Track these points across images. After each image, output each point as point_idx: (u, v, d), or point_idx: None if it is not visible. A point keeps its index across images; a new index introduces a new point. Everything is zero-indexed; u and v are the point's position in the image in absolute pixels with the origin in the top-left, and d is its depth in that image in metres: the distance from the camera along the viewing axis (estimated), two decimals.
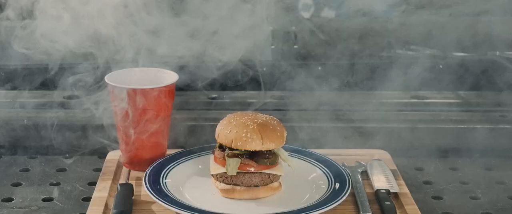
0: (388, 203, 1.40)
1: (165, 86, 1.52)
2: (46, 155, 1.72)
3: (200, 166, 1.54)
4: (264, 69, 1.89)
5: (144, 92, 1.49)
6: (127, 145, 1.55)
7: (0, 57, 1.83)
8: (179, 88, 1.63)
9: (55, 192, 1.53)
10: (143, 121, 1.51)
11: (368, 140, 1.71)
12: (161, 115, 1.53)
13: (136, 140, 1.53)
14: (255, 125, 1.42)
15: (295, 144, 1.63)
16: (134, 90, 1.49)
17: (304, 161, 1.56)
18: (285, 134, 1.45)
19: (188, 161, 1.55)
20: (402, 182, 1.52)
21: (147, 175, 1.46)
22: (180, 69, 1.62)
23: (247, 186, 1.43)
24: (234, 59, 1.67)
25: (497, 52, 1.99)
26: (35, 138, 1.75)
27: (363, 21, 1.94)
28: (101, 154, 1.70)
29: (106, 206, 1.41)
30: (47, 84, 1.82)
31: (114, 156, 1.62)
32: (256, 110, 1.65)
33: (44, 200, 1.51)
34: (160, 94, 1.51)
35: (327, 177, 1.49)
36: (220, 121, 1.47)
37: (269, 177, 1.44)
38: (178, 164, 1.53)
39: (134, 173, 1.54)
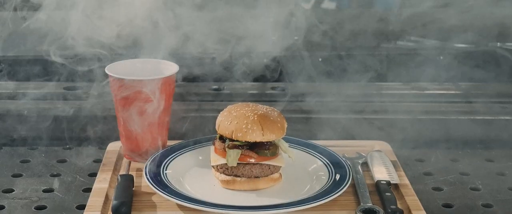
0: (388, 194, 1.40)
1: (165, 77, 1.52)
2: (46, 146, 1.72)
3: (200, 157, 1.54)
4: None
5: (145, 83, 1.49)
6: (127, 136, 1.55)
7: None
8: (180, 80, 1.63)
9: (56, 183, 1.54)
10: (144, 112, 1.51)
11: (368, 131, 1.71)
12: (161, 105, 1.53)
13: (136, 131, 1.53)
14: (255, 116, 1.42)
15: (296, 134, 1.63)
16: (135, 81, 1.49)
17: (304, 152, 1.56)
18: (285, 125, 1.45)
19: (188, 152, 1.55)
20: (403, 173, 1.52)
21: (148, 166, 1.47)
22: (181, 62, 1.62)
23: (248, 177, 1.43)
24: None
25: (498, 43, 1.99)
26: (35, 129, 1.75)
27: (363, 11, 1.94)
28: (102, 145, 1.70)
29: (106, 197, 1.41)
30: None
31: (114, 147, 1.62)
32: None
33: (44, 191, 1.51)
34: (161, 86, 1.51)
35: (328, 168, 1.49)
36: (221, 112, 1.47)
37: (269, 168, 1.44)
38: (179, 155, 1.53)
39: (134, 164, 1.54)
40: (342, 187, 1.40)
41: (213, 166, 1.46)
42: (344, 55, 1.90)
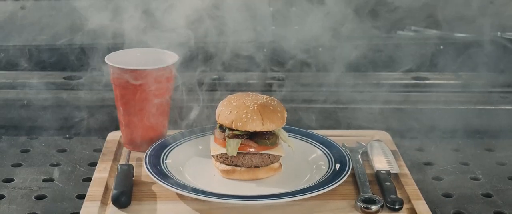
0: (388, 183, 1.40)
1: (165, 67, 1.51)
2: (46, 136, 1.72)
3: (200, 147, 1.54)
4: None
5: (144, 73, 1.49)
6: (127, 125, 1.55)
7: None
8: (179, 69, 1.63)
9: (56, 173, 1.54)
10: (144, 102, 1.51)
11: (368, 120, 1.71)
12: (161, 95, 1.53)
13: (136, 121, 1.53)
14: (255, 105, 1.42)
15: (296, 124, 1.63)
16: (134, 71, 1.49)
17: (304, 142, 1.56)
18: (285, 115, 1.45)
19: (188, 142, 1.55)
20: (403, 162, 1.52)
21: (148, 155, 1.47)
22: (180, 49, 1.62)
23: (248, 167, 1.43)
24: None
25: (499, 33, 1.99)
26: (36, 119, 1.75)
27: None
28: (102, 134, 1.70)
29: (106, 186, 1.41)
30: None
31: (114, 136, 1.62)
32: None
33: (44, 180, 1.51)
34: (161, 75, 1.51)
35: (328, 158, 1.49)
36: (221, 102, 1.47)
37: (269, 157, 1.44)
38: (179, 145, 1.53)
39: (134, 154, 1.54)
40: (342, 176, 1.40)
41: (213, 156, 1.46)
42: (345, 45, 1.89)
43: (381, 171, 1.46)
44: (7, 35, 1.94)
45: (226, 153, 1.43)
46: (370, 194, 1.37)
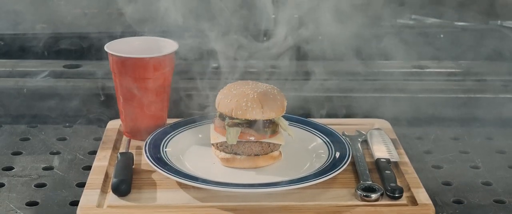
0: (388, 172, 1.40)
1: (165, 55, 1.51)
2: (46, 124, 1.72)
3: (200, 135, 1.54)
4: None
5: (144, 61, 1.49)
6: (127, 114, 1.55)
7: None
8: (179, 58, 1.63)
9: (56, 161, 1.54)
10: (143, 90, 1.51)
11: (368, 109, 1.71)
12: (161, 84, 1.53)
13: (136, 109, 1.53)
14: (255, 94, 1.42)
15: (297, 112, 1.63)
16: (134, 59, 1.49)
17: (304, 130, 1.56)
18: (285, 103, 1.45)
19: (188, 130, 1.55)
20: (402, 151, 1.52)
21: (147, 144, 1.47)
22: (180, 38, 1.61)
23: (247, 155, 1.43)
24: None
25: (499, 21, 1.98)
26: (35, 107, 1.75)
27: None
28: (102, 123, 1.70)
29: (106, 175, 1.41)
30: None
31: (114, 125, 1.62)
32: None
33: (44, 168, 1.51)
34: (160, 64, 1.51)
35: (327, 146, 1.49)
36: (220, 90, 1.47)
37: (269, 146, 1.44)
38: (179, 133, 1.53)
39: (134, 142, 1.54)
40: (341, 165, 1.40)
41: (213, 144, 1.46)
42: (343, 33, 1.89)
43: (381, 160, 1.46)
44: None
45: (226, 141, 1.43)
46: (370, 182, 1.37)
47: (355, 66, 1.85)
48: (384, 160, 1.45)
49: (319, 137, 1.53)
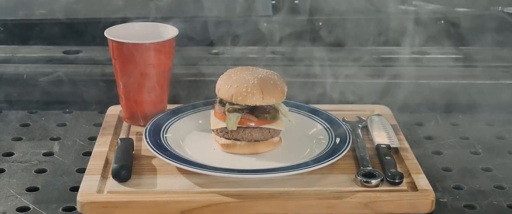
0: (388, 157, 1.40)
1: (165, 41, 1.51)
2: (46, 110, 1.72)
3: (200, 121, 1.54)
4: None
5: (144, 47, 1.49)
6: (127, 100, 1.55)
7: None
8: (179, 44, 1.62)
9: (56, 147, 1.54)
10: (143, 76, 1.51)
11: (368, 95, 1.71)
12: (161, 69, 1.52)
13: (136, 95, 1.53)
14: (255, 79, 1.41)
15: (297, 99, 1.63)
16: (134, 45, 1.49)
17: (304, 116, 1.56)
18: (285, 89, 1.45)
19: (188, 116, 1.55)
20: (403, 137, 1.52)
21: (148, 129, 1.46)
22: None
23: (248, 141, 1.43)
24: None
25: (499, 7, 1.98)
26: (35, 93, 1.75)
27: None
28: (102, 109, 1.70)
29: (106, 160, 1.42)
30: None
31: (114, 111, 1.62)
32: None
33: (44, 154, 1.51)
34: (160, 49, 1.50)
35: (328, 132, 1.49)
36: (221, 76, 1.47)
37: (269, 132, 1.44)
38: (179, 119, 1.53)
39: (134, 128, 1.54)
40: (342, 150, 1.40)
41: (213, 130, 1.46)
42: (339, 20, 1.89)
43: (381, 145, 1.46)
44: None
45: (226, 127, 1.42)
46: (370, 168, 1.38)
47: (354, 52, 1.85)
48: (384, 146, 1.46)
49: (319, 123, 1.53)
